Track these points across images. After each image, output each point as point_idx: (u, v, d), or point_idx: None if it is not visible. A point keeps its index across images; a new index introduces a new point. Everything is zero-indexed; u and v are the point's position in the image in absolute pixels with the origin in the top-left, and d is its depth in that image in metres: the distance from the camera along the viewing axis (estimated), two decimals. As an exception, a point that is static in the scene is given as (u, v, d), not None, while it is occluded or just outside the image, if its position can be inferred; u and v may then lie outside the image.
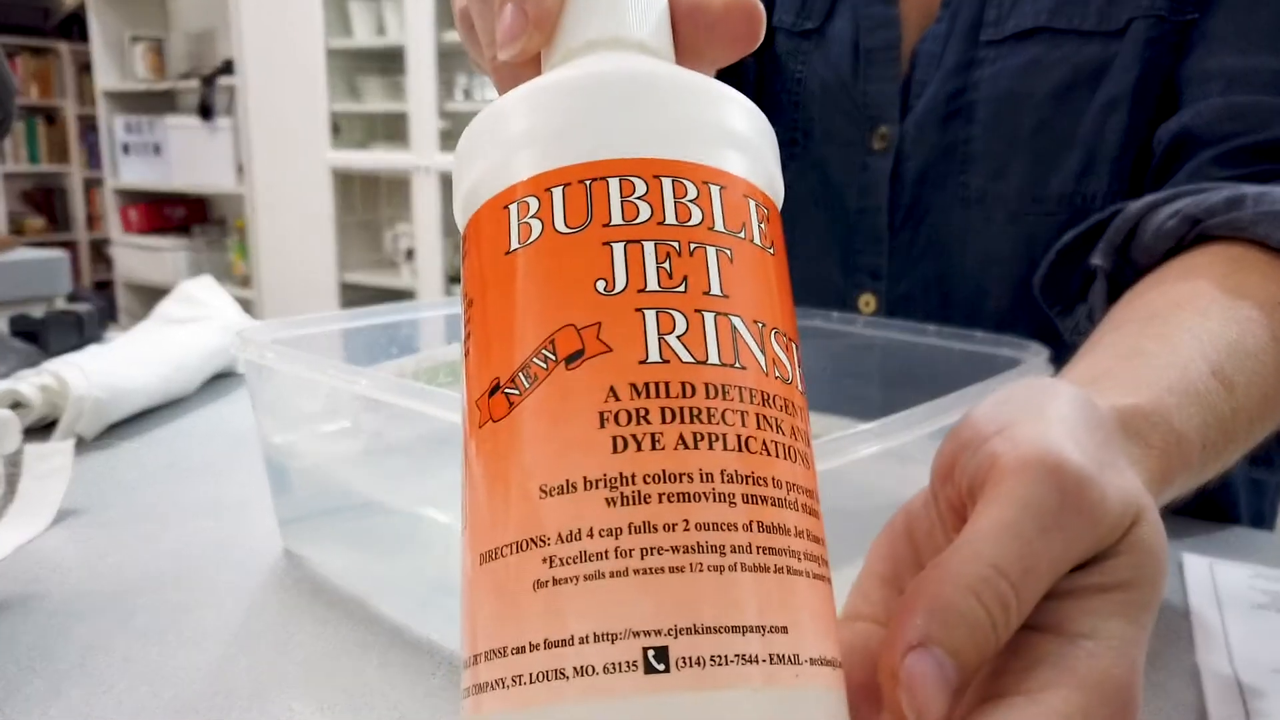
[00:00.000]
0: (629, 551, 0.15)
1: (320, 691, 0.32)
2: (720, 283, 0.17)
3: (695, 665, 0.14)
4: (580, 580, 0.15)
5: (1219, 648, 0.35)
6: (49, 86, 4.01)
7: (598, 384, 0.16)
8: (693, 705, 0.14)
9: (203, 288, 0.77)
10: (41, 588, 0.39)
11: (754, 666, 0.14)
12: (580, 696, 0.14)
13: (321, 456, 0.42)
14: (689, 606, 0.14)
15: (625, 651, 0.14)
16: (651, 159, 0.17)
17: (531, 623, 0.15)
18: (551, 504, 0.15)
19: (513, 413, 0.17)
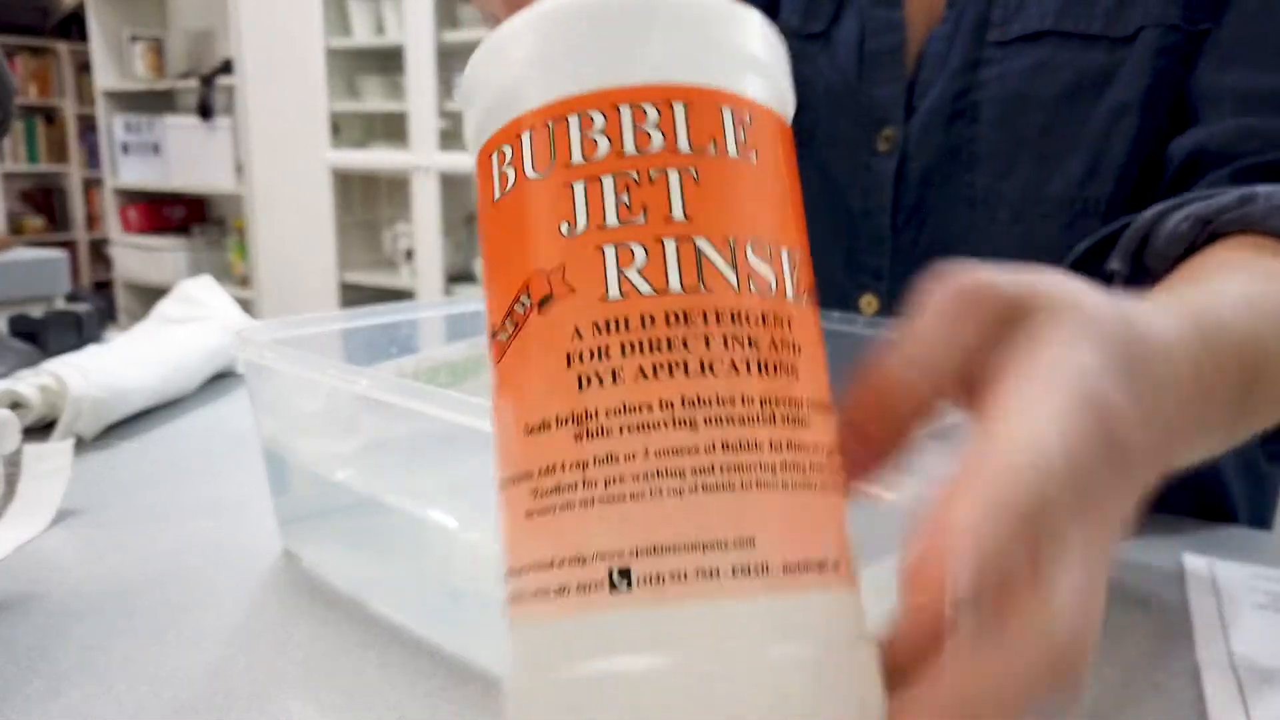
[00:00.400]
0: (594, 482, 0.16)
1: (320, 691, 0.32)
2: (683, 206, 0.17)
3: (656, 582, 0.15)
4: (557, 510, 0.16)
5: (1219, 647, 0.35)
6: (48, 86, 4.01)
7: (565, 326, 0.17)
8: (655, 620, 0.15)
9: (202, 288, 0.77)
10: (41, 588, 0.39)
11: (715, 581, 0.15)
12: (560, 614, 0.16)
13: (321, 456, 0.42)
14: (649, 529, 0.15)
15: (593, 572, 0.16)
16: (610, 89, 0.17)
17: (525, 547, 0.17)
18: (532, 441, 0.17)
19: (504, 358, 0.18)
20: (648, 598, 0.15)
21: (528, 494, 0.17)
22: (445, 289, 2.57)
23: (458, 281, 2.61)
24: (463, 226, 2.67)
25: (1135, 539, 0.45)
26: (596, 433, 0.16)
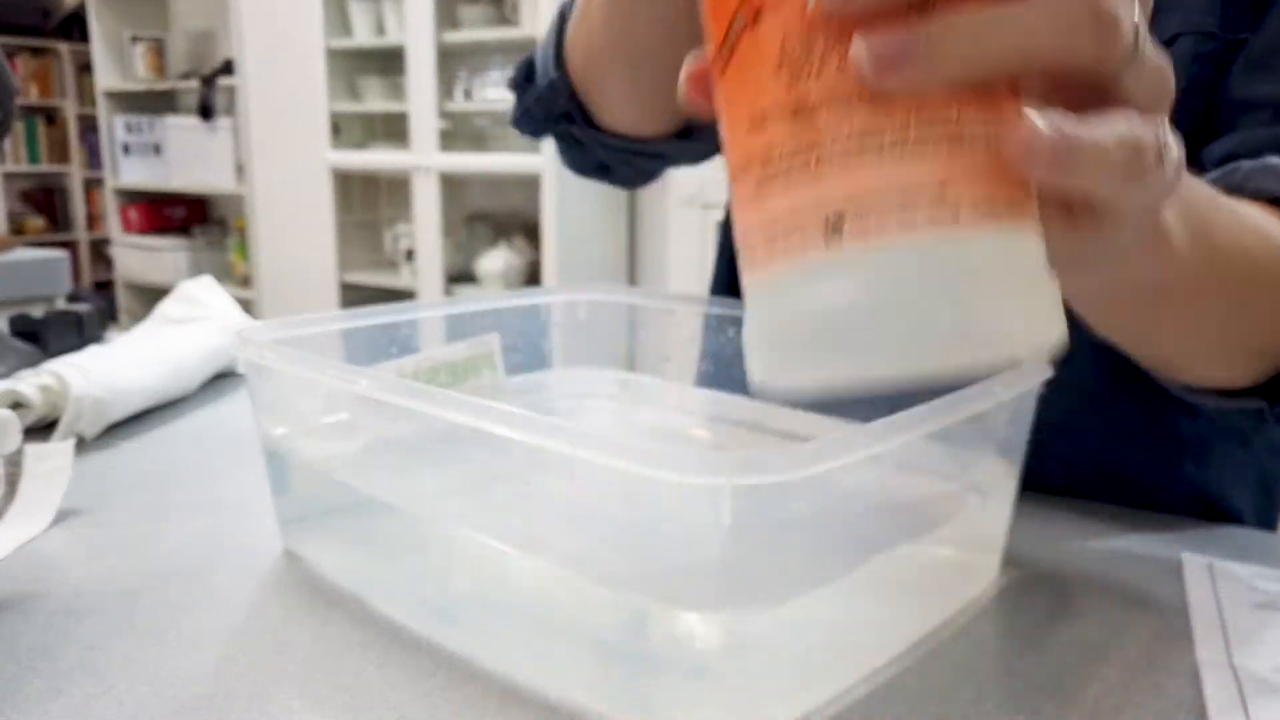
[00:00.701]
0: (807, 155, 0.19)
1: (320, 691, 0.32)
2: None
3: (863, 228, 0.18)
4: (777, 179, 0.20)
5: (1219, 647, 0.35)
6: (49, 86, 4.01)
7: (774, 35, 0.19)
8: (863, 256, 0.18)
9: (203, 288, 0.77)
10: (42, 587, 0.39)
11: (915, 223, 0.18)
12: (786, 260, 0.20)
13: (321, 456, 0.42)
14: (856, 184, 0.19)
15: (811, 222, 0.19)
16: None
17: (755, 214, 0.20)
18: (755, 134, 0.20)
19: (726, 73, 0.21)
20: (856, 239, 0.18)
21: (754, 178, 0.20)
22: (445, 289, 2.57)
23: (458, 281, 2.61)
24: (462, 226, 2.67)
25: (1135, 539, 0.46)
26: (807, 116, 0.19)
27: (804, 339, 0.19)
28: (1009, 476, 0.40)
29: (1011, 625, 0.37)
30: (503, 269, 2.50)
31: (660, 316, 0.55)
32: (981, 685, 0.33)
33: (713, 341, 0.52)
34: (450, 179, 2.54)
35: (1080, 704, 0.32)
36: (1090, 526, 0.47)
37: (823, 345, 0.19)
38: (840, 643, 0.33)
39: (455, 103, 2.52)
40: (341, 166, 2.71)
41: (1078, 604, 0.39)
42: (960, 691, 0.32)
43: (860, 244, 0.19)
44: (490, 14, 2.37)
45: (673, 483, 0.26)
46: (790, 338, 0.20)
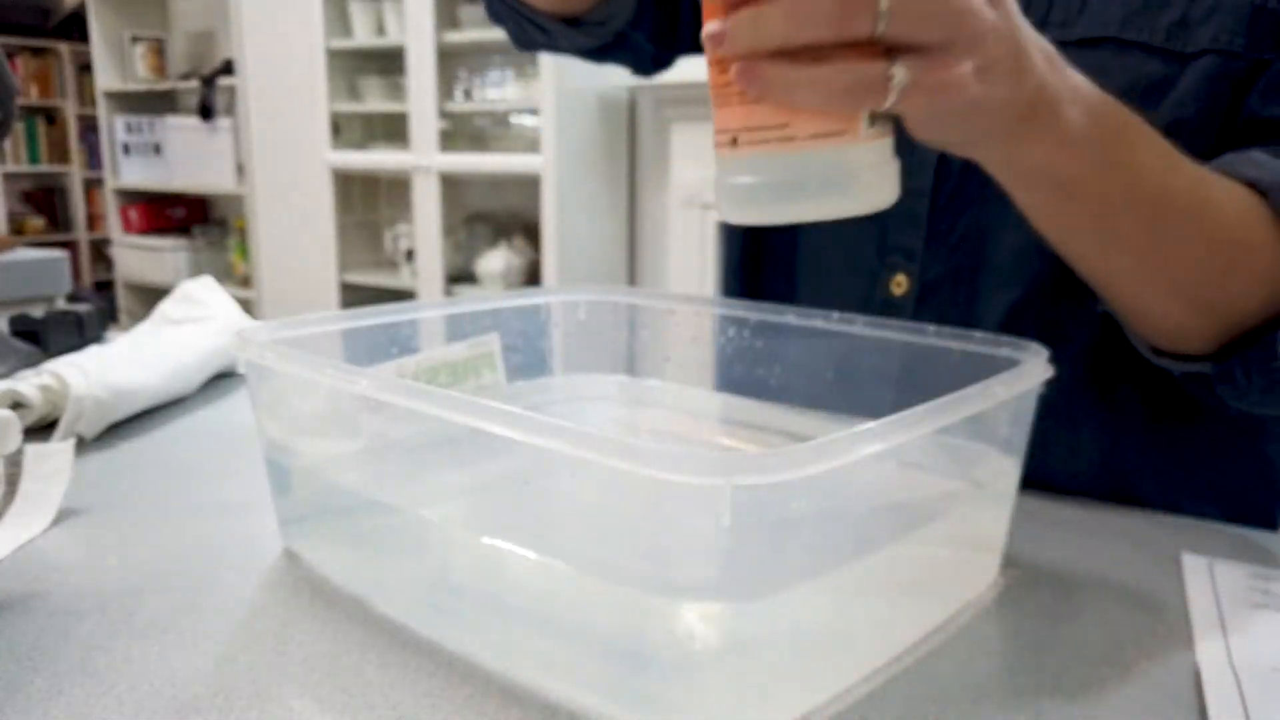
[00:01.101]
0: (723, 94, 0.33)
1: (320, 690, 0.32)
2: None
3: (748, 143, 0.33)
4: (715, 104, 0.34)
5: (1218, 646, 0.35)
6: (49, 86, 4.01)
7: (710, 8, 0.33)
8: (749, 157, 0.33)
9: (203, 288, 0.77)
10: (42, 587, 0.39)
11: (769, 144, 0.32)
12: (721, 152, 0.34)
13: (322, 456, 0.42)
14: (741, 119, 0.33)
15: (724, 137, 0.34)
16: None
17: (714, 121, 0.34)
18: (712, 70, 0.33)
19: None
20: (745, 151, 0.33)
21: (711, 100, 0.33)
22: (445, 289, 2.57)
23: (458, 282, 2.61)
24: (462, 227, 2.67)
25: (1135, 538, 0.46)
26: (719, 68, 0.32)
27: (731, 197, 0.34)
28: (1010, 476, 0.40)
29: (1012, 624, 0.37)
30: (503, 269, 2.50)
31: (660, 316, 0.55)
32: (982, 684, 0.33)
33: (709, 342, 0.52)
34: (450, 179, 2.55)
35: (1081, 703, 0.32)
36: (1090, 526, 0.47)
37: (740, 202, 0.33)
38: (840, 642, 0.33)
39: (455, 103, 2.52)
40: (342, 167, 2.71)
41: (1078, 603, 0.39)
42: (961, 691, 0.32)
43: (747, 150, 0.33)
44: (490, 14, 2.37)
45: (673, 483, 0.26)
46: (727, 195, 0.34)
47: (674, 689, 0.30)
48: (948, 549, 0.39)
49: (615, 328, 0.56)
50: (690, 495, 0.27)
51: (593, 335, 0.56)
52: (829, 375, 0.47)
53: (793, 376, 0.49)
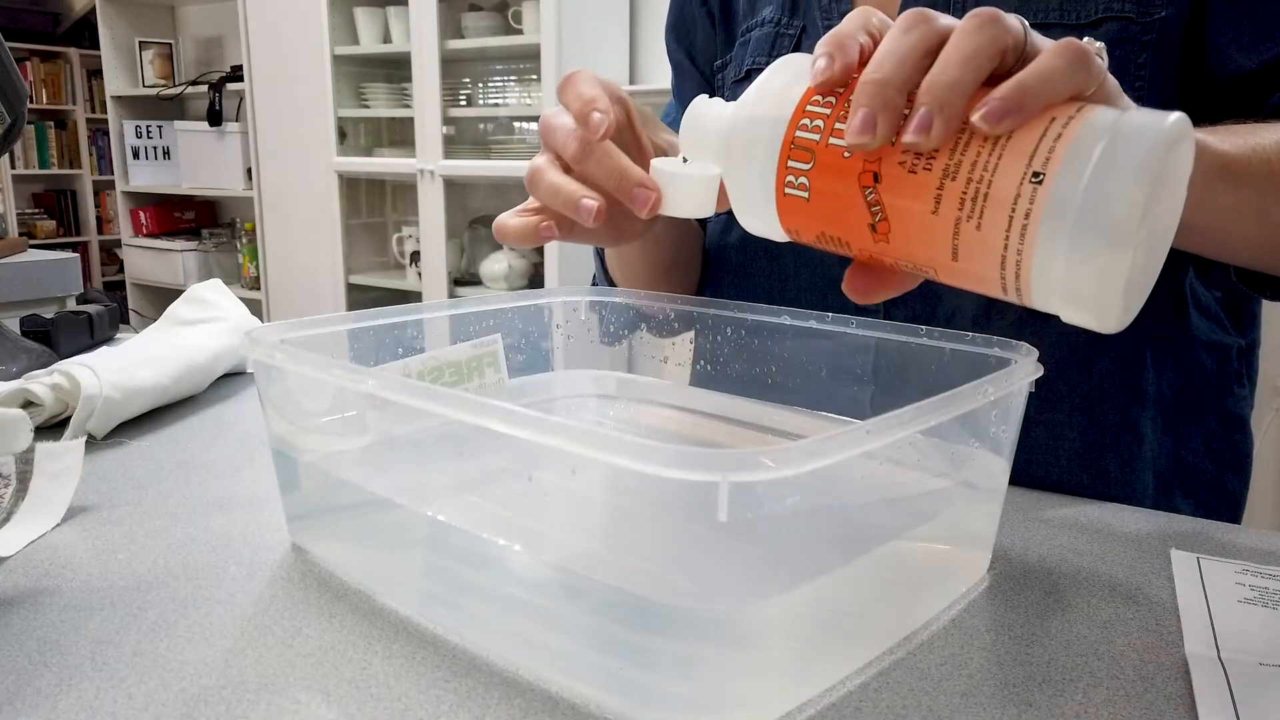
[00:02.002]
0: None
1: (327, 684, 0.32)
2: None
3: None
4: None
5: (1207, 641, 0.35)
6: (59, 92, 4.03)
7: (910, 181, 0.31)
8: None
9: (212, 290, 0.78)
10: (52, 583, 0.39)
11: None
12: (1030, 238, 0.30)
13: (329, 454, 0.43)
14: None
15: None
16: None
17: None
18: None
19: (891, 232, 0.33)
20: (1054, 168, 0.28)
21: (968, 229, 0.30)
22: (450, 290, 2.57)
23: (462, 283, 2.62)
24: (466, 230, 2.68)
25: (1124, 534, 0.46)
26: (954, 174, 0.30)
27: (1091, 237, 0.28)
28: (999, 474, 0.40)
29: (1003, 619, 0.37)
30: (505, 271, 2.50)
31: (659, 317, 0.55)
32: (973, 678, 0.33)
33: (706, 341, 0.53)
34: (454, 183, 2.55)
35: (1070, 697, 0.32)
36: (1079, 522, 0.48)
37: (1101, 222, 0.28)
38: (834, 636, 0.34)
39: (459, 108, 2.53)
40: (348, 171, 2.72)
41: (1068, 598, 0.39)
42: (952, 684, 0.33)
43: (1056, 164, 0.28)
44: (494, 23, 2.38)
45: (671, 479, 0.26)
46: (1088, 243, 0.28)
47: (672, 682, 0.30)
48: (939, 545, 0.39)
49: (615, 328, 0.57)
50: (687, 491, 0.27)
51: (593, 335, 0.57)
52: (823, 375, 0.48)
53: (788, 376, 0.49)
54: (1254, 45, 0.50)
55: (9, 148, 0.74)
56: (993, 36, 0.30)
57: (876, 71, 0.30)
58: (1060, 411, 0.55)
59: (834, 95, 0.32)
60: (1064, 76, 0.30)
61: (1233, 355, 0.59)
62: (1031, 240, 0.28)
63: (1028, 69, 0.30)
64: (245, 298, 2.59)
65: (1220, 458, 0.59)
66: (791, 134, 0.32)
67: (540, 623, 0.34)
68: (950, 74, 0.30)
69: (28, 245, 1.47)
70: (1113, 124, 0.28)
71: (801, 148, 0.32)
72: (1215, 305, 0.58)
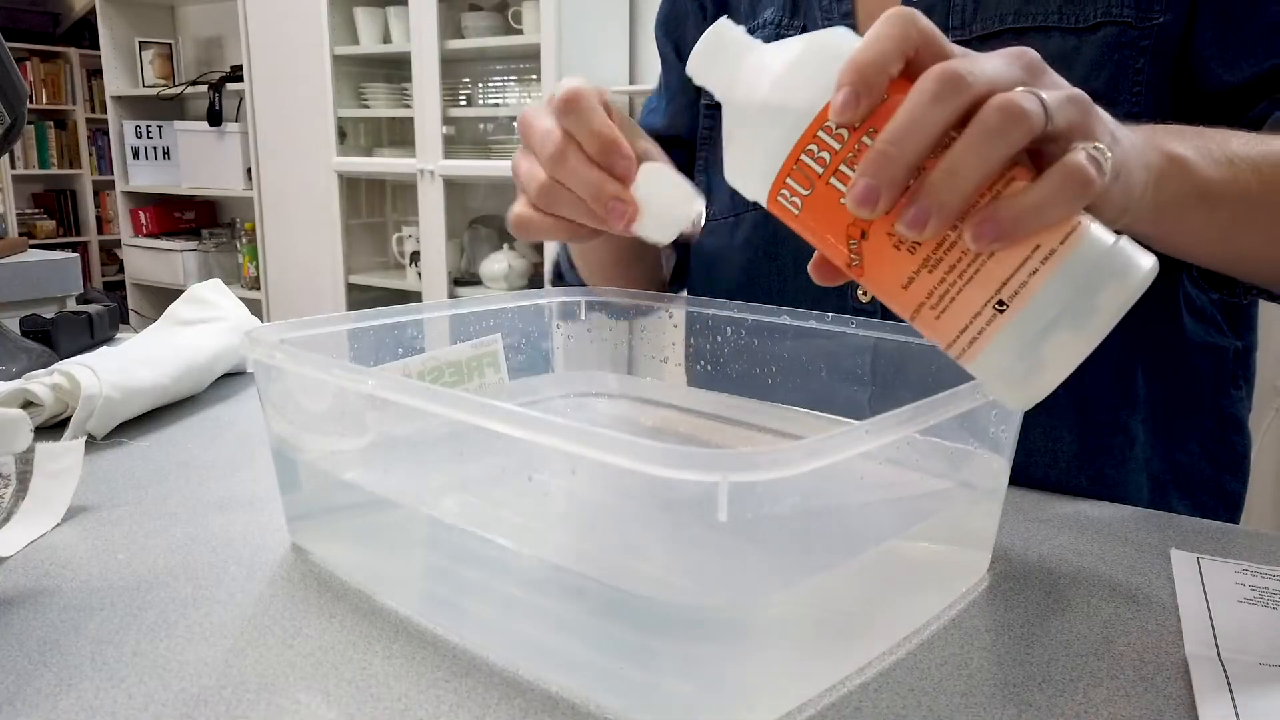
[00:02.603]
0: (953, 284, 0.31)
1: (327, 683, 0.32)
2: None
3: (1014, 297, 0.30)
4: (945, 305, 0.31)
5: (1207, 641, 0.35)
6: (59, 92, 4.03)
7: (882, 236, 0.31)
8: (1024, 308, 0.29)
9: (212, 290, 0.78)
10: (53, 583, 0.39)
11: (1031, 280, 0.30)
12: (991, 334, 0.30)
13: (329, 454, 0.43)
14: (995, 282, 0.30)
15: (986, 310, 0.30)
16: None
17: (943, 329, 0.31)
18: (909, 290, 0.32)
19: (865, 266, 0.32)
20: (1022, 299, 0.30)
21: (930, 311, 0.31)
22: (450, 290, 2.57)
23: (461, 284, 2.62)
24: (466, 230, 2.68)
25: (1123, 535, 0.46)
26: (934, 265, 0.30)
27: (1037, 360, 0.30)
28: (999, 474, 0.41)
29: (1002, 619, 0.37)
30: (505, 271, 2.51)
31: (658, 317, 0.56)
32: (973, 678, 0.33)
33: (706, 342, 0.53)
34: (454, 183, 2.55)
35: (1070, 697, 0.32)
36: (1079, 522, 0.48)
37: (1050, 352, 0.30)
38: (834, 636, 0.34)
39: (459, 108, 2.53)
40: (348, 171, 2.72)
41: (1067, 598, 0.39)
42: (952, 684, 0.33)
43: (1024, 297, 0.29)
44: (494, 23, 2.38)
45: (671, 479, 0.27)
46: (1029, 364, 0.30)
47: (672, 682, 0.31)
48: (939, 545, 0.39)
49: (615, 328, 0.57)
50: (687, 491, 0.27)
51: (593, 335, 0.57)
52: (823, 375, 0.48)
53: (788, 376, 0.49)
54: (1236, 61, 0.50)
55: (9, 148, 0.74)
56: (1013, 143, 0.29)
57: (891, 144, 0.29)
58: (1056, 415, 0.56)
59: (849, 129, 0.31)
60: (1063, 205, 0.29)
61: (1229, 358, 0.59)
62: (976, 352, 0.30)
63: (1032, 194, 0.29)
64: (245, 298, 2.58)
65: (1217, 459, 0.59)
66: (798, 153, 0.32)
67: (540, 623, 0.34)
68: (959, 178, 0.29)
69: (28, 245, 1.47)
70: (1085, 275, 0.29)
71: (803, 172, 0.32)
72: (1211, 309, 0.58)
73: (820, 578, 0.32)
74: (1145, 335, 0.55)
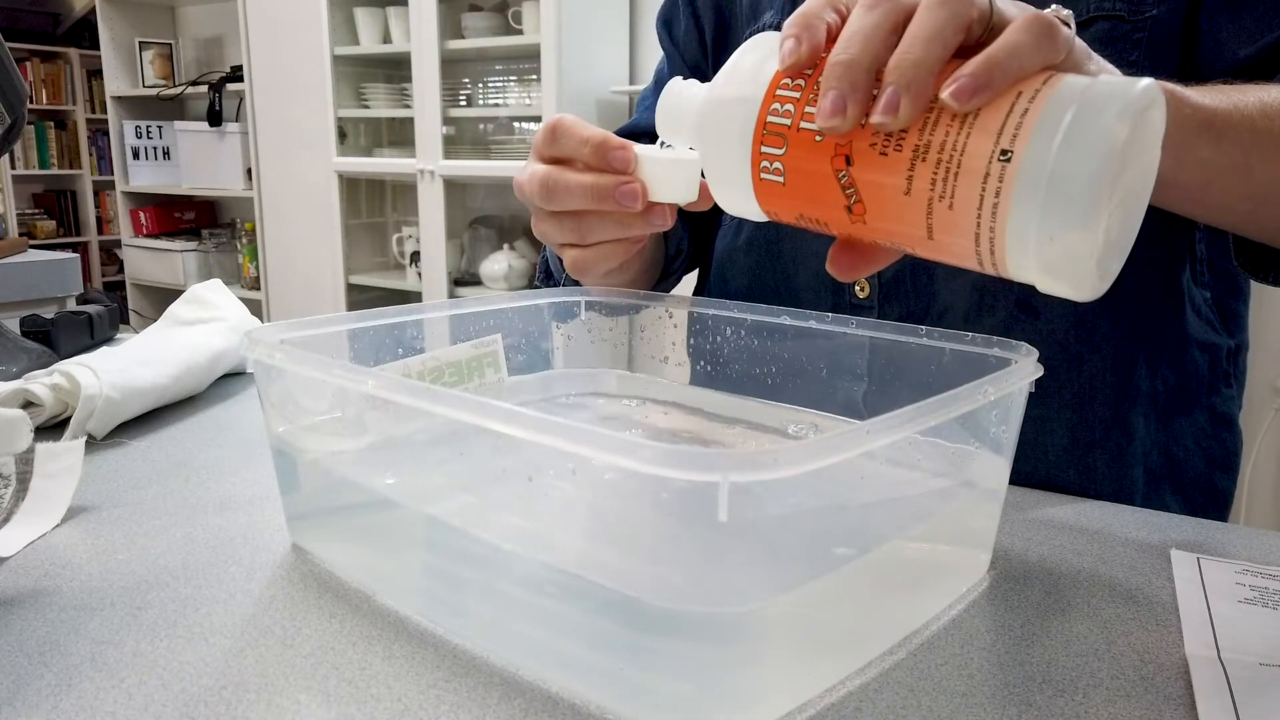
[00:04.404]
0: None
1: (326, 684, 0.32)
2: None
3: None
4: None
5: (1207, 641, 0.35)
6: (59, 92, 4.03)
7: (878, 160, 0.31)
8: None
9: (212, 290, 0.78)
10: (52, 583, 0.39)
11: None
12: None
13: (328, 454, 0.43)
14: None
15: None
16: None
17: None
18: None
19: (867, 210, 0.33)
20: (1021, 142, 0.29)
21: (940, 208, 0.30)
22: (450, 290, 2.57)
23: (461, 284, 2.62)
24: (466, 230, 2.68)
25: (1123, 534, 0.46)
26: (924, 154, 0.30)
27: (1063, 210, 0.28)
28: (999, 474, 0.41)
29: (1002, 619, 0.37)
30: (505, 271, 2.51)
31: (657, 316, 0.56)
32: (973, 678, 0.33)
33: (706, 342, 0.53)
34: (454, 184, 2.55)
35: (1071, 697, 0.32)
36: (1079, 522, 0.48)
37: (1082, 212, 0.28)
38: (834, 636, 0.34)
39: (459, 109, 2.53)
40: (348, 171, 2.72)
41: (1068, 598, 0.39)
42: (952, 685, 0.33)
43: (1021, 144, 0.28)
44: (494, 23, 2.38)
45: (671, 479, 0.27)
46: (1060, 218, 0.28)
47: (672, 682, 0.31)
48: (939, 545, 0.39)
49: (614, 327, 0.57)
50: (687, 491, 0.27)
51: (592, 334, 0.57)
52: (823, 375, 0.48)
53: (788, 376, 0.49)
54: (1253, 36, 0.50)
55: (9, 148, 0.74)
56: (956, 11, 0.30)
57: (843, 53, 0.30)
58: (1049, 408, 0.56)
59: (803, 77, 0.32)
60: (1031, 50, 0.29)
61: (1223, 355, 0.60)
62: (1003, 218, 0.28)
63: (995, 44, 0.29)
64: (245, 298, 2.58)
65: (1210, 455, 0.60)
66: (764, 118, 0.32)
67: (540, 623, 0.34)
68: (916, 52, 0.30)
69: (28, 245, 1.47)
70: (1079, 95, 0.28)
71: (774, 133, 0.32)
72: (1207, 307, 0.59)
73: (820, 578, 0.32)
74: (1149, 327, 0.55)
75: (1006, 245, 0.29)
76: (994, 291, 0.55)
